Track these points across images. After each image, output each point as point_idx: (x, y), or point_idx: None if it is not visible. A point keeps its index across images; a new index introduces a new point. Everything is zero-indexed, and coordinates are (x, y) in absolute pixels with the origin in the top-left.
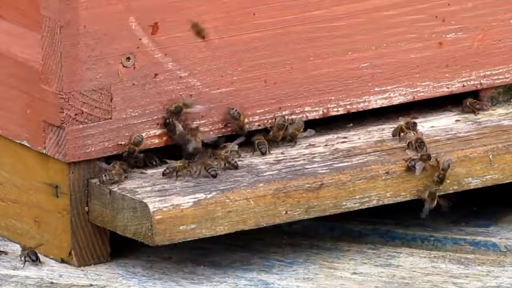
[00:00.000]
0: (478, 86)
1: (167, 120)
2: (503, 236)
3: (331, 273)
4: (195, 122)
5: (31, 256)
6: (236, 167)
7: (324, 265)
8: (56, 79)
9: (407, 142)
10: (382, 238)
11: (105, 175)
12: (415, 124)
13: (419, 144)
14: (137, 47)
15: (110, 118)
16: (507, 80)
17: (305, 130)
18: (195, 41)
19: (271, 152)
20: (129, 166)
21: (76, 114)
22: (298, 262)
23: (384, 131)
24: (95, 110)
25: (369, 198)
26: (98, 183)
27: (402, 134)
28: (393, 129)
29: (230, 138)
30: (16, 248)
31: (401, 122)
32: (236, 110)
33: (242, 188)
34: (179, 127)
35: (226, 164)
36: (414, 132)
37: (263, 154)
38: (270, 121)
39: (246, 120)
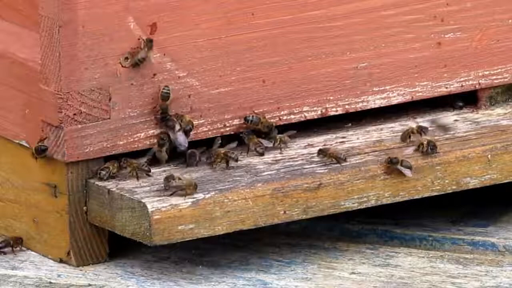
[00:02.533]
0: (477, 86)
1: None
2: (501, 236)
3: (330, 273)
4: (194, 122)
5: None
6: (236, 161)
7: (322, 265)
8: (55, 79)
9: (418, 144)
10: (381, 238)
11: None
12: (426, 129)
13: (431, 147)
14: (135, 47)
15: (109, 118)
16: (505, 80)
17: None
18: (193, 41)
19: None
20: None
21: (74, 114)
22: (297, 262)
23: (382, 131)
24: (94, 110)
25: (367, 198)
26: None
27: (411, 136)
28: (391, 129)
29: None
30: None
31: (412, 125)
32: (253, 116)
33: (240, 188)
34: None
35: (227, 161)
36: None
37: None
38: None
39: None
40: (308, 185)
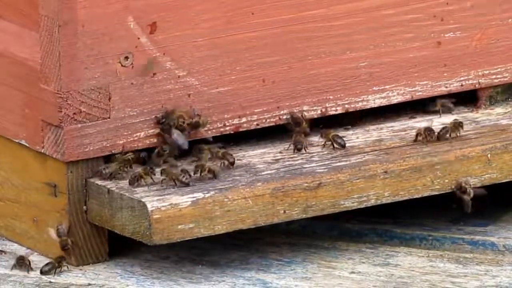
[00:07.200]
0: (477, 86)
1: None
2: (501, 235)
3: (330, 273)
4: (194, 119)
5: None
6: (232, 164)
7: (322, 264)
8: (55, 78)
9: (416, 133)
10: (381, 237)
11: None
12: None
13: (429, 132)
14: (135, 47)
15: (109, 117)
16: (505, 79)
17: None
18: (193, 40)
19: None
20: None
21: (74, 114)
22: (297, 261)
23: (382, 130)
24: (94, 109)
25: (367, 198)
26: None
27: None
28: (391, 128)
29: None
30: (15, 248)
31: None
32: (299, 115)
33: (240, 187)
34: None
35: (225, 162)
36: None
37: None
38: (268, 120)
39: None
40: (308, 184)
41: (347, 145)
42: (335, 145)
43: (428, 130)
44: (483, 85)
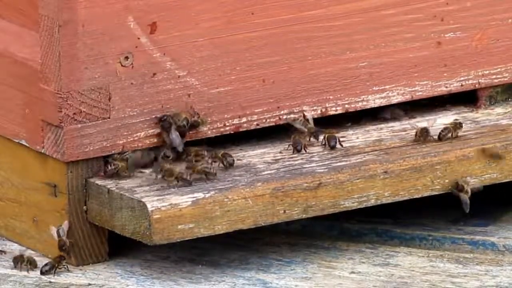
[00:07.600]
0: (477, 86)
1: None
2: (501, 235)
3: (330, 273)
4: (192, 119)
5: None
6: (232, 165)
7: (322, 264)
8: (55, 78)
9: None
10: (381, 237)
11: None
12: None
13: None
14: (135, 47)
15: (109, 118)
16: (505, 79)
17: None
18: (193, 41)
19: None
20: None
21: (74, 114)
22: (297, 261)
23: (382, 130)
24: (94, 109)
25: (367, 198)
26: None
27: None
28: (391, 128)
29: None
30: (15, 248)
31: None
32: (301, 120)
33: (240, 187)
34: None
35: (224, 163)
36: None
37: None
38: (268, 120)
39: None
40: (308, 184)
41: (347, 145)
42: (326, 144)
43: (424, 130)
44: (483, 85)
